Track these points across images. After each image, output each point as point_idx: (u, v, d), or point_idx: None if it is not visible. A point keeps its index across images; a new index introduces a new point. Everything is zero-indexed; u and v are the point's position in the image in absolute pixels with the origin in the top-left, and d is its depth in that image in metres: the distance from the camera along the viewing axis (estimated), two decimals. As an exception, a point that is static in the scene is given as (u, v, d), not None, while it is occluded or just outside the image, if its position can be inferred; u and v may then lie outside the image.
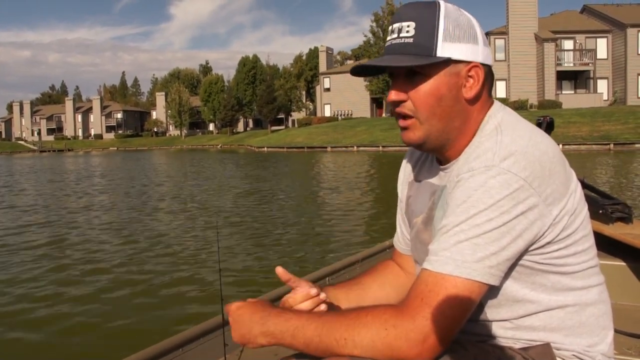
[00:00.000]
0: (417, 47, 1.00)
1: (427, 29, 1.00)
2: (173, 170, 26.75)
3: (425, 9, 1.01)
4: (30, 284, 5.58)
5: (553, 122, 2.31)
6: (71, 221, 9.97)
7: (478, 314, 1.03)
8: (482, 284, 0.93)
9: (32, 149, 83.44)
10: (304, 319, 0.99)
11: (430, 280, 0.93)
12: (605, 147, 29.09)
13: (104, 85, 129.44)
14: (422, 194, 1.17)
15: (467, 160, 1.00)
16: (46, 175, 24.92)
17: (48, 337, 4.19)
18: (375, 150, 36.61)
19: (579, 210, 1.01)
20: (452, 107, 1.03)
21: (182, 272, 5.88)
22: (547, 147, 0.98)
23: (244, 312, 1.03)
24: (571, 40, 42.32)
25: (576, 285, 1.02)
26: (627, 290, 2.26)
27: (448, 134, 1.05)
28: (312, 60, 71.67)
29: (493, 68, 1.08)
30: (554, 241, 0.97)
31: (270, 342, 1.00)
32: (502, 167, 0.93)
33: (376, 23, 50.12)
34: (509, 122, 1.02)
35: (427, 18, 1.00)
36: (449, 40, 1.00)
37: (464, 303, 0.92)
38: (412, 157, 1.26)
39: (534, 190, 0.93)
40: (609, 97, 41.71)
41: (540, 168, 0.94)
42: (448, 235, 0.94)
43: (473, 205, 0.93)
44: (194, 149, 63.59)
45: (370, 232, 8.02)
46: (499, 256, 0.93)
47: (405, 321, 0.91)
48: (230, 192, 14.23)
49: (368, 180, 16.82)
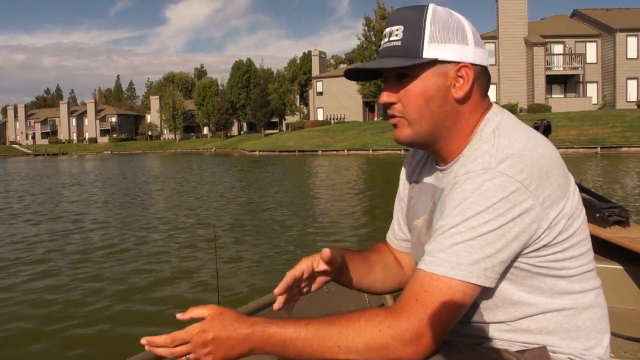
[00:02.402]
0: (404, 49, 1.03)
1: (414, 31, 1.03)
2: (168, 172, 26.78)
3: (413, 13, 1.04)
4: (25, 290, 5.49)
5: (550, 125, 2.33)
6: (65, 222, 9.99)
7: (474, 315, 1.03)
8: (476, 285, 0.94)
9: (26, 152, 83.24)
10: (290, 330, 0.95)
11: (425, 281, 0.94)
12: (592, 151, 29.25)
13: (99, 89, 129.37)
14: (423, 195, 1.19)
15: (465, 162, 1.01)
16: (50, 180, 24.89)
17: (41, 342, 4.16)
18: (366, 154, 36.71)
19: (577, 214, 1.01)
20: (440, 108, 1.04)
21: (178, 274, 5.89)
22: (545, 150, 0.99)
23: (220, 332, 0.95)
24: (561, 45, 42.54)
25: (573, 289, 1.03)
26: (624, 294, 2.27)
27: (438, 133, 1.06)
28: (306, 64, 71.76)
29: None
30: (550, 244, 0.98)
31: (254, 352, 0.97)
32: (499, 170, 0.94)
33: (367, 27, 50.31)
34: (507, 125, 1.03)
35: (415, 21, 1.03)
36: (435, 42, 1.02)
37: (458, 304, 0.93)
38: (414, 157, 1.27)
39: (530, 193, 0.93)
40: (599, 101, 41.93)
41: (538, 171, 0.95)
42: (444, 236, 0.95)
43: (469, 207, 0.94)
44: (188, 153, 63.63)
45: (362, 234, 8.03)
46: (494, 259, 0.94)
47: (400, 321, 0.92)
48: (218, 196, 14.30)
49: (359, 184, 16.85)
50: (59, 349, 4.03)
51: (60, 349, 4.02)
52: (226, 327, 0.95)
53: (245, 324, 0.96)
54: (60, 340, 4.19)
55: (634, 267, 2.30)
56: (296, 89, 70.88)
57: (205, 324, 0.96)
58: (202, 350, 0.95)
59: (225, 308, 0.99)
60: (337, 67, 73.87)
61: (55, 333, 4.31)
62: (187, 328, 0.96)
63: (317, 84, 58.71)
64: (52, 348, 4.07)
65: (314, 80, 59.85)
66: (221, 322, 0.96)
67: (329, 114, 56.51)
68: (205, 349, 0.95)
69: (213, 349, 0.95)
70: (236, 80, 75.32)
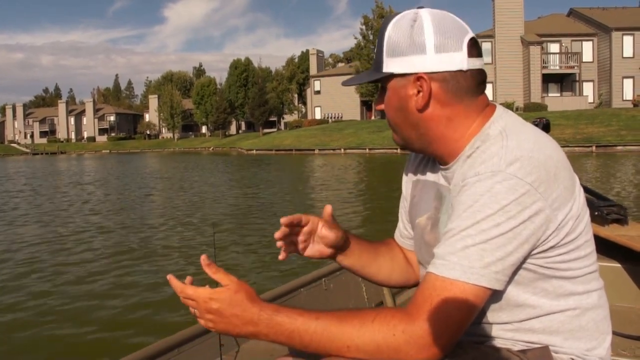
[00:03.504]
0: (375, 63, 1.08)
1: (379, 45, 1.07)
2: (166, 171, 26.85)
3: (382, 26, 1.07)
4: (26, 288, 5.56)
5: (549, 123, 2.34)
6: (64, 221, 10.10)
7: (479, 316, 1.02)
8: (487, 289, 0.93)
9: (24, 151, 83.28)
10: (299, 322, 0.95)
11: (437, 285, 0.94)
12: (587, 150, 29.39)
13: (98, 88, 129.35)
14: (426, 193, 1.19)
15: (473, 164, 1.00)
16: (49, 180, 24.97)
17: (42, 338, 4.20)
18: (362, 153, 36.84)
19: (583, 214, 1.01)
20: (407, 118, 1.07)
21: (177, 272, 5.90)
22: (552, 152, 0.99)
23: (226, 307, 0.96)
24: (557, 44, 42.67)
25: (577, 290, 1.03)
26: (623, 292, 2.26)
27: (421, 139, 1.09)
28: (304, 63, 71.76)
29: None
30: (557, 245, 0.98)
31: (259, 337, 0.97)
32: (509, 172, 0.93)
33: (365, 26, 50.40)
34: (513, 126, 1.02)
35: (380, 35, 1.07)
36: (390, 56, 1.04)
37: (470, 308, 0.93)
38: (417, 156, 1.26)
39: (540, 195, 0.93)
40: (595, 100, 42.06)
41: (546, 173, 0.94)
42: (455, 239, 0.94)
43: (479, 210, 0.93)
44: (187, 152, 63.63)
45: (364, 232, 8.13)
46: (505, 262, 0.93)
47: (415, 326, 0.92)
48: (213, 195, 14.39)
49: (356, 181, 16.93)
50: (54, 347, 4.08)
51: (56, 347, 4.07)
52: (233, 305, 0.96)
53: (253, 307, 0.96)
54: (57, 333, 4.26)
55: (633, 265, 2.29)
56: (294, 87, 70.90)
57: (215, 293, 0.97)
58: (204, 315, 0.98)
59: (245, 285, 0.98)
60: (335, 65, 73.92)
61: (53, 326, 4.38)
62: (199, 289, 0.98)
63: (315, 83, 58.80)
64: (48, 340, 4.14)
65: (311, 79, 59.94)
66: (230, 298, 0.96)
67: (326, 112, 56.60)
68: (207, 315, 0.97)
69: (214, 319, 0.97)
70: (234, 79, 75.34)
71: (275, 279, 5.35)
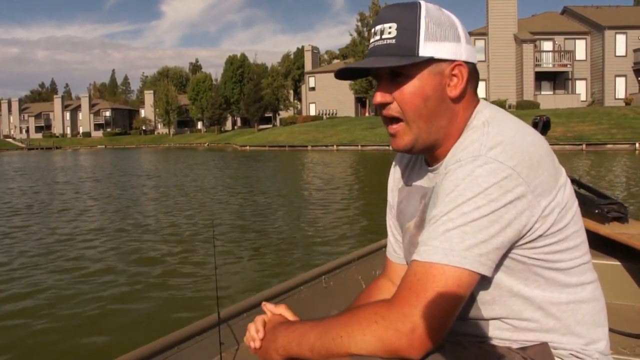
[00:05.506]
0: (399, 47, 1.00)
1: (409, 29, 1.00)
2: (161, 168, 26.86)
3: (406, 10, 1.02)
4: (26, 284, 5.55)
5: (549, 121, 2.34)
6: (59, 217, 10.11)
7: (472, 311, 1.02)
8: (471, 272, 0.91)
9: (19, 146, 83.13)
10: (308, 326, 1.00)
11: (418, 270, 0.92)
12: (578, 148, 29.47)
13: (94, 83, 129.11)
14: (412, 198, 1.17)
15: (455, 152, 1.00)
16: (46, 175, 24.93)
17: (42, 336, 4.19)
18: (355, 149, 36.94)
19: (570, 204, 1.00)
20: (437, 107, 1.03)
21: (177, 271, 5.92)
22: (534, 140, 0.98)
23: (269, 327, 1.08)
24: (550, 42, 42.77)
25: (570, 282, 1.02)
26: (623, 290, 2.25)
27: (436, 134, 1.05)
28: (299, 59, 71.72)
29: None
30: (545, 235, 0.97)
31: (283, 354, 1.02)
32: (489, 156, 0.93)
33: (361, 22, 50.43)
34: (496, 117, 1.02)
35: (409, 19, 1.01)
36: (430, 40, 1.00)
37: (453, 291, 0.90)
38: (402, 161, 1.25)
39: (522, 180, 0.92)
40: (587, 98, 42.19)
41: (529, 158, 0.94)
42: (436, 225, 0.93)
43: (461, 194, 0.92)
44: (182, 147, 63.44)
45: (359, 231, 7.95)
46: (488, 244, 0.91)
47: (393, 311, 0.91)
48: (215, 192, 14.43)
49: (349, 179, 16.80)
50: (54, 345, 4.07)
51: (56, 346, 4.06)
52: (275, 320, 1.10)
53: (283, 319, 1.10)
54: (57, 331, 4.26)
55: (632, 264, 2.28)
56: (290, 84, 70.88)
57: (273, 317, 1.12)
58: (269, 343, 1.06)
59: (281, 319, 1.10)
60: (330, 62, 73.85)
61: (53, 325, 4.41)
62: None
63: (310, 80, 58.82)
64: (47, 339, 4.14)
65: (306, 76, 59.94)
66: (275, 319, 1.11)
67: (321, 109, 56.65)
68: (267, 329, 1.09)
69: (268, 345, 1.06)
70: (230, 75, 75.28)
71: (275, 277, 5.33)
